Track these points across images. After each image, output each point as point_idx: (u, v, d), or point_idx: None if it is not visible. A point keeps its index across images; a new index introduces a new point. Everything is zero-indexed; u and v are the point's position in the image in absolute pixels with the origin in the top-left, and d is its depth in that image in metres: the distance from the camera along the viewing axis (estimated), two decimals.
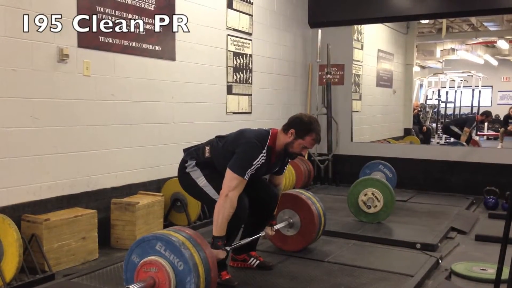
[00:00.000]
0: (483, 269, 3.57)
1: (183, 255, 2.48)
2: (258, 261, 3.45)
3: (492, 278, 2.66)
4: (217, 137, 3.30)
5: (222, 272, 3.11)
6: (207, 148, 3.23)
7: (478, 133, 12.52)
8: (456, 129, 9.80)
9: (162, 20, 4.55)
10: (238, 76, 5.97)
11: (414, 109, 11.85)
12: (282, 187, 3.59)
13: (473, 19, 11.70)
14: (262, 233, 3.45)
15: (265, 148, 3.06)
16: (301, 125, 3.12)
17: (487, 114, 10.77)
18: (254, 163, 2.99)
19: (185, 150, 3.37)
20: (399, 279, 3.28)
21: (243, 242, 3.28)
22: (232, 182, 2.96)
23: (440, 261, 3.73)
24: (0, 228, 3.22)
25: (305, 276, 3.32)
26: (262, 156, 3.03)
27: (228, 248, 3.05)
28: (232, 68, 5.85)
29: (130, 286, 2.46)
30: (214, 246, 2.88)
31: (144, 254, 2.57)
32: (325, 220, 3.91)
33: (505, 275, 2.46)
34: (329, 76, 7.24)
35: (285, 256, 3.73)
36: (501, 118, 14.11)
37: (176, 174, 3.32)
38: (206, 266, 2.54)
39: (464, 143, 9.09)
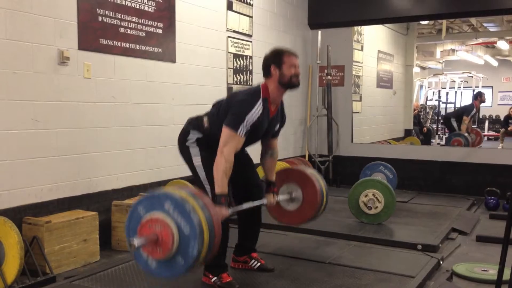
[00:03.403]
0: (484, 270, 3.57)
1: (192, 221, 2.41)
2: (259, 263, 3.44)
3: (494, 279, 2.66)
4: (212, 105, 3.24)
5: (222, 274, 3.11)
6: (205, 119, 3.16)
7: None
8: (455, 124, 9.71)
9: (162, 22, 4.56)
10: (239, 78, 5.98)
11: (414, 110, 11.85)
12: (277, 151, 3.46)
13: (473, 20, 11.71)
14: (264, 201, 3.36)
15: (260, 99, 3.00)
16: (272, 57, 3.10)
17: (478, 94, 10.35)
18: (248, 117, 2.92)
19: (188, 120, 3.29)
20: (400, 280, 3.28)
21: (245, 206, 3.15)
22: (225, 138, 2.92)
23: (441, 262, 3.73)
24: (2, 230, 3.23)
25: (306, 278, 3.32)
26: (258, 108, 2.96)
27: (230, 212, 2.93)
28: (232, 70, 5.85)
29: (134, 239, 2.42)
30: (217, 203, 2.82)
31: (152, 209, 2.51)
32: (327, 199, 3.77)
33: (506, 276, 2.47)
34: (329, 77, 7.25)
35: (286, 258, 3.73)
36: (502, 118, 14.14)
37: (176, 176, 3.33)
38: (212, 233, 2.47)
39: (466, 134, 9.03)
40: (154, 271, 2.56)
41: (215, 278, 3.11)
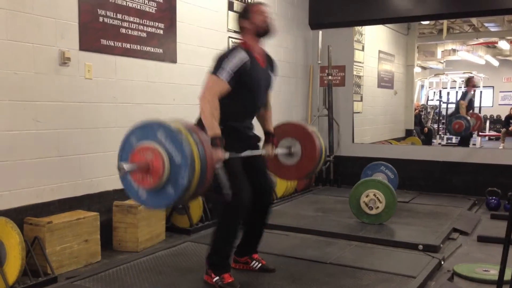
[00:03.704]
0: (485, 270, 3.57)
1: (183, 150, 2.42)
2: (260, 264, 3.44)
3: (495, 279, 2.66)
4: None
5: (224, 275, 3.10)
6: None
7: (480, 133, 12.50)
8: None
9: (163, 22, 4.56)
10: None
11: (415, 110, 11.83)
12: (270, 103, 3.48)
13: (474, 20, 11.71)
14: (263, 151, 3.37)
15: (241, 49, 3.06)
16: (242, 14, 3.23)
17: (468, 80, 10.32)
18: (229, 63, 2.97)
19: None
20: (401, 281, 3.28)
21: (243, 154, 3.12)
22: (207, 83, 2.99)
23: (442, 262, 3.73)
24: (3, 231, 3.23)
25: (307, 278, 3.32)
26: (241, 56, 3.03)
27: (227, 156, 2.91)
28: None
29: (123, 163, 2.45)
30: (213, 144, 2.81)
31: (144, 138, 2.53)
32: (325, 157, 3.71)
33: (507, 276, 2.47)
34: (330, 77, 7.25)
35: (287, 258, 3.73)
36: (503, 118, 14.13)
37: None
38: (203, 165, 2.47)
39: (467, 116, 9.02)
40: (145, 201, 2.58)
41: (217, 278, 3.10)
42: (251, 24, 3.16)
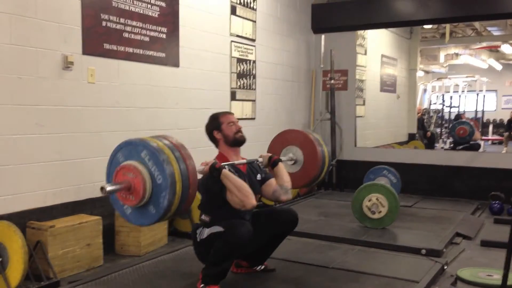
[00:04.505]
0: (489, 275, 3.55)
1: (164, 171, 2.46)
2: (263, 266, 3.46)
3: (498, 284, 2.65)
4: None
5: (210, 287, 3.01)
6: (203, 217, 3.13)
7: (483, 137, 12.47)
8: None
9: (166, 26, 4.57)
10: (242, 82, 5.99)
11: (418, 113, 11.83)
12: (282, 187, 3.26)
13: (476, 24, 11.72)
14: (260, 159, 3.34)
15: (220, 167, 2.94)
16: (210, 124, 3.22)
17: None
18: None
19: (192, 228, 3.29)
20: (404, 285, 3.27)
21: (237, 162, 3.14)
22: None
23: (445, 267, 3.71)
24: (6, 235, 3.24)
25: (310, 283, 3.31)
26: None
27: (226, 167, 2.95)
28: (235, 74, 5.86)
29: (106, 185, 2.49)
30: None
31: (129, 157, 2.58)
32: (329, 164, 3.71)
33: (510, 281, 2.45)
34: (332, 81, 7.25)
35: (290, 262, 3.72)
36: (505, 122, 14.10)
37: None
38: (185, 183, 2.51)
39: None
40: (129, 217, 2.64)
41: (202, 285, 3.04)
42: (221, 131, 3.17)
